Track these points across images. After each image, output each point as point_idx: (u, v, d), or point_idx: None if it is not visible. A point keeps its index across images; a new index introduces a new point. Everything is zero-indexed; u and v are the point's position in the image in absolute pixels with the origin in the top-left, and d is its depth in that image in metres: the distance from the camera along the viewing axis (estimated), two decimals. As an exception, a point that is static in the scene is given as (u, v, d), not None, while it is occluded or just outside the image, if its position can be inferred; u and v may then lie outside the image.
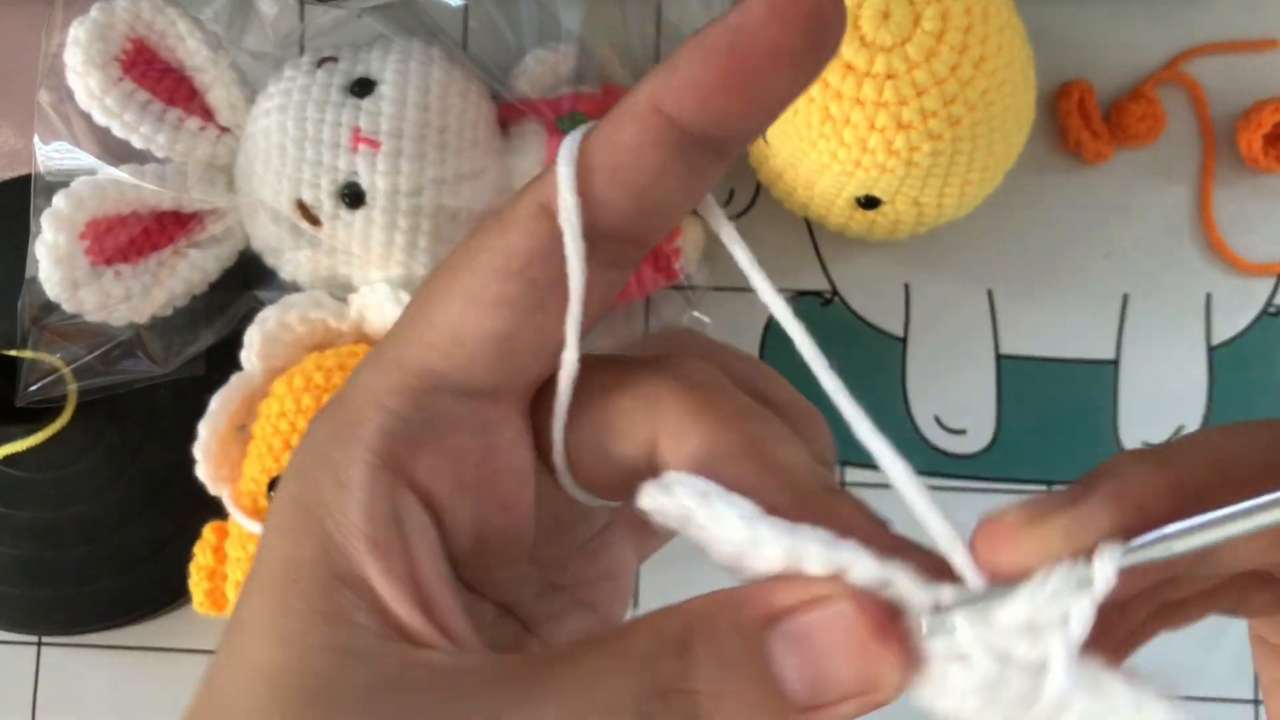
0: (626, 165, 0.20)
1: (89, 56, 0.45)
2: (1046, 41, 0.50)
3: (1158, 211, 0.52)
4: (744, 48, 0.19)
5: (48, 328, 0.47)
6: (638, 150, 0.20)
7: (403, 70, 0.46)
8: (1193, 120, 0.52)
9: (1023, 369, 0.52)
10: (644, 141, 0.20)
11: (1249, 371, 0.51)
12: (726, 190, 0.52)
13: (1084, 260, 0.52)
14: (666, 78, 0.19)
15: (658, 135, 0.20)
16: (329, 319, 0.47)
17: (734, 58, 0.19)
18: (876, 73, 0.42)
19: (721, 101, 0.19)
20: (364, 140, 0.45)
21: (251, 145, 0.47)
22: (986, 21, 0.43)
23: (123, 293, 0.46)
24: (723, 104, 0.19)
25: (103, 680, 0.52)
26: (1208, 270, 0.52)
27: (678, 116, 0.19)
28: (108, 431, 0.51)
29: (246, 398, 0.47)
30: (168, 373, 0.48)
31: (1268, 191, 0.51)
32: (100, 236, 0.46)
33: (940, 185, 0.45)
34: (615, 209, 0.20)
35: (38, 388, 0.48)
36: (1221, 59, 0.52)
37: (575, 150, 0.20)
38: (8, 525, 0.51)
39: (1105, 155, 0.51)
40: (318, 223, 0.46)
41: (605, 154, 0.20)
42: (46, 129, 0.47)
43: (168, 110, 0.47)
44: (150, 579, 0.50)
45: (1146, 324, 0.51)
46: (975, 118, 0.43)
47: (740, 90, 0.19)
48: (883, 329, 0.52)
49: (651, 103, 0.19)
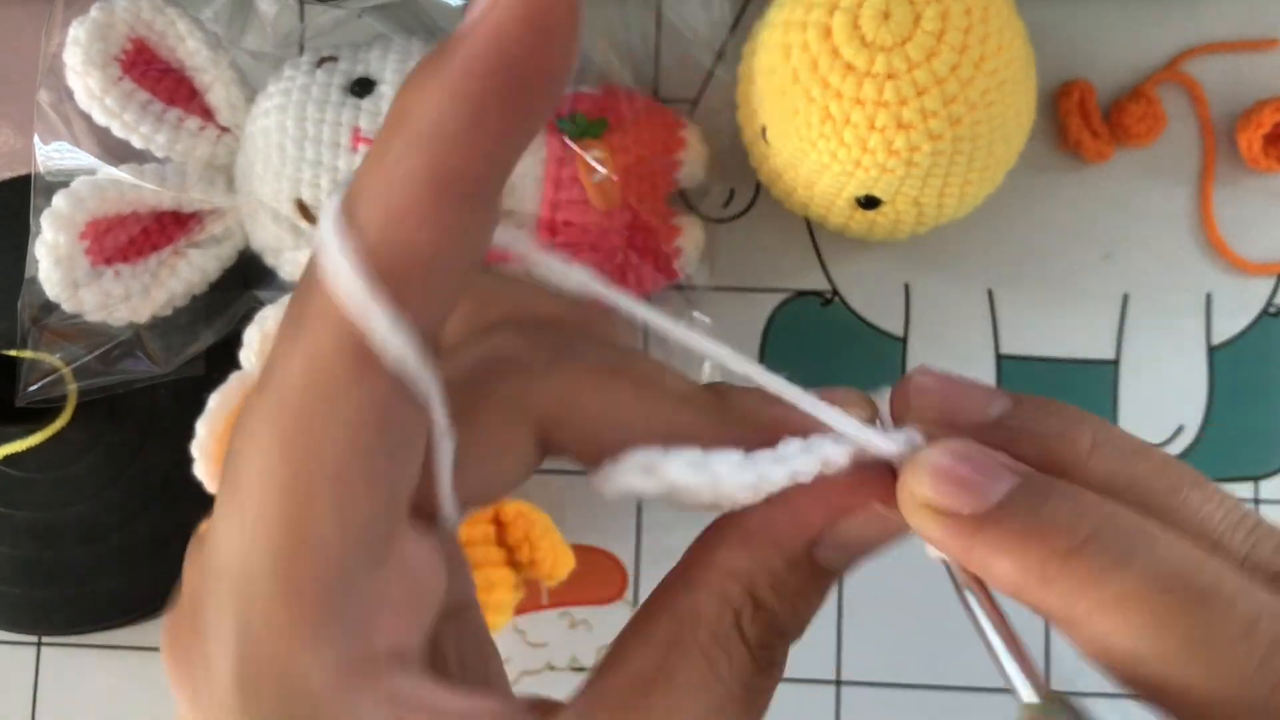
0: (399, 195, 0.17)
1: (89, 56, 0.45)
2: (1047, 41, 0.50)
3: (1158, 211, 0.52)
4: (480, 35, 0.17)
5: (47, 328, 0.47)
6: (407, 179, 0.17)
7: (403, 70, 0.46)
8: (1193, 120, 0.52)
9: (1023, 369, 0.52)
10: (411, 200, 0.17)
11: (1249, 371, 0.51)
12: (727, 190, 0.52)
13: (1084, 260, 0.52)
14: (410, 90, 0.18)
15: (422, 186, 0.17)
16: (329, 319, 0.47)
17: (473, 45, 0.17)
18: (877, 72, 0.42)
19: (465, 82, 0.17)
20: (364, 140, 0.45)
21: (251, 145, 0.47)
22: (987, 21, 0.43)
23: (123, 293, 0.46)
24: (468, 89, 0.17)
25: (103, 680, 0.52)
26: (1208, 270, 0.52)
27: (449, 164, 0.17)
28: (108, 431, 0.51)
29: (246, 397, 0.47)
30: (168, 373, 0.48)
31: (1268, 191, 0.51)
32: (100, 236, 0.46)
33: (940, 185, 0.45)
34: (402, 244, 0.17)
35: (37, 388, 0.48)
36: (1222, 58, 0.52)
37: (336, 229, 0.17)
38: (8, 525, 0.51)
39: (1105, 155, 0.51)
40: (317, 222, 0.46)
41: (371, 191, 0.18)
42: (46, 129, 0.47)
43: (167, 110, 0.47)
44: (150, 579, 0.50)
45: (1146, 324, 0.51)
46: (975, 117, 0.43)
47: (482, 74, 0.17)
48: (883, 329, 0.52)
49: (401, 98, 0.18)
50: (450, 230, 0.17)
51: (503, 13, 0.17)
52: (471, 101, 0.17)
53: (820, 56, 0.43)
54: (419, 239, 0.17)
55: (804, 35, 0.43)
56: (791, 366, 0.23)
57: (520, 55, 0.17)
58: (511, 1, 0.17)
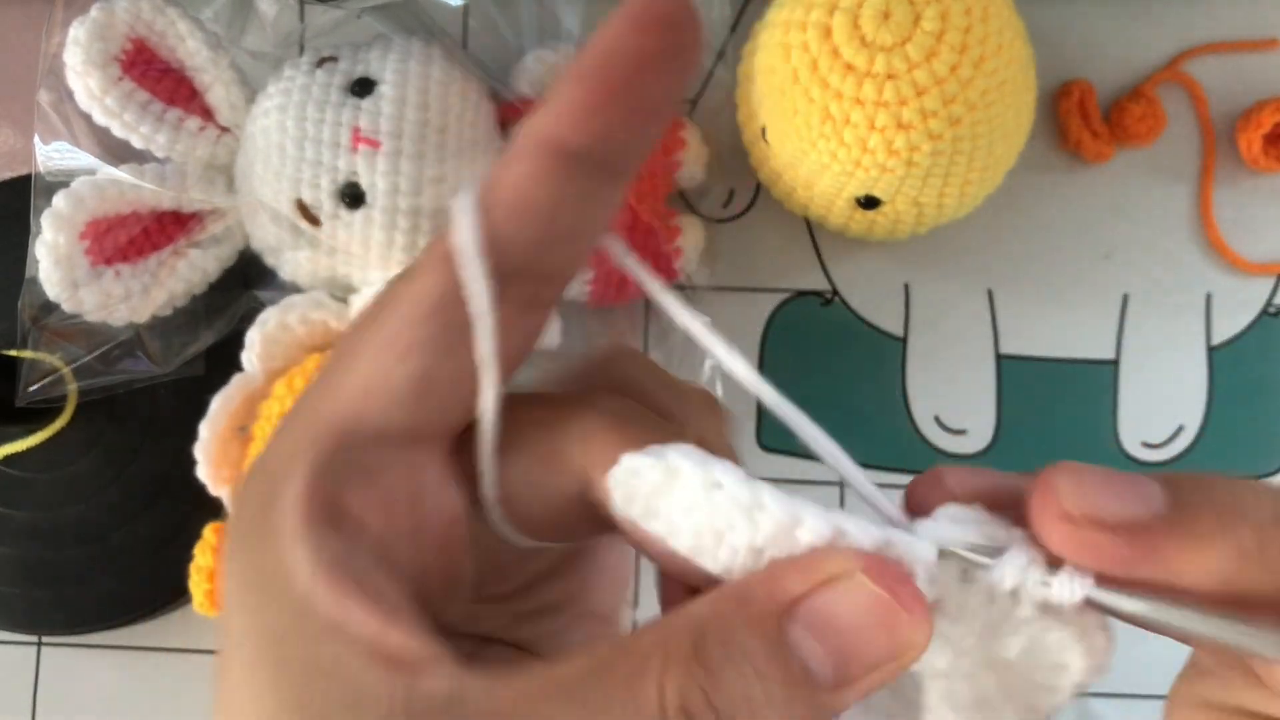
0: (523, 200, 0.20)
1: (89, 56, 0.45)
2: (1046, 41, 0.50)
3: (1158, 211, 0.52)
4: (612, 63, 0.19)
5: (47, 328, 0.47)
6: (531, 183, 0.20)
7: (402, 70, 0.46)
8: (1193, 120, 0.52)
9: (1023, 369, 0.52)
10: (535, 173, 0.20)
11: (1249, 371, 0.51)
12: (726, 190, 0.52)
13: (1084, 260, 0.52)
14: (547, 109, 0.20)
15: (548, 165, 0.20)
16: (330, 320, 0.47)
17: (605, 73, 0.20)
18: (877, 72, 0.42)
19: (602, 118, 0.20)
20: (364, 140, 0.45)
21: (251, 145, 0.47)
22: (986, 21, 0.43)
23: (122, 292, 0.46)
24: (604, 120, 0.20)
25: (103, 680, 0.52)
26: (1208, 270, 0.52)
27: (563, 142, 0.20)
28: (107, 431, 0.51)
29: (247, 399, 0.47)
30: (167, 373, 0.48)
31: (1268, 191, 0.51)
32: (100, 236, 0.46)
33: (940, 185, 0.45)
34: (519, 245, 0.20)
35: (37, 388, 0.48)
36: (1222, 59, 0.52)
37: (473, 195, 0.20)
38: (7, 525, 0.51)
39: (1105, 155, 0.51)
40: (317, 222, 0.46)
41: (500, 193, 0.20)
42: (46, 129, 0.47)
43: (167, 110, 0.47)
44: (150, 579, 0.50)
45: (1146, 324, 0.51)
46: (975, 117, 0.43)
47: (617, 103, 0.20)
48: (883, 329, 0.52)
49: (536, 136, 0.20)
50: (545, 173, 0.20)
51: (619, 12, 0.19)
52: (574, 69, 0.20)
53: (820, 57, 0.43)
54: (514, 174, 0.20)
55: (804, 35, 0.43)
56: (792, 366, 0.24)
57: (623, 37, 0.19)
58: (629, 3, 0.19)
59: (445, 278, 0.20)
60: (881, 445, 0.51)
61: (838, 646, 0.18)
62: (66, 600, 0.51)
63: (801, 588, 0.18)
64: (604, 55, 0.20)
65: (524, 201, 0.20)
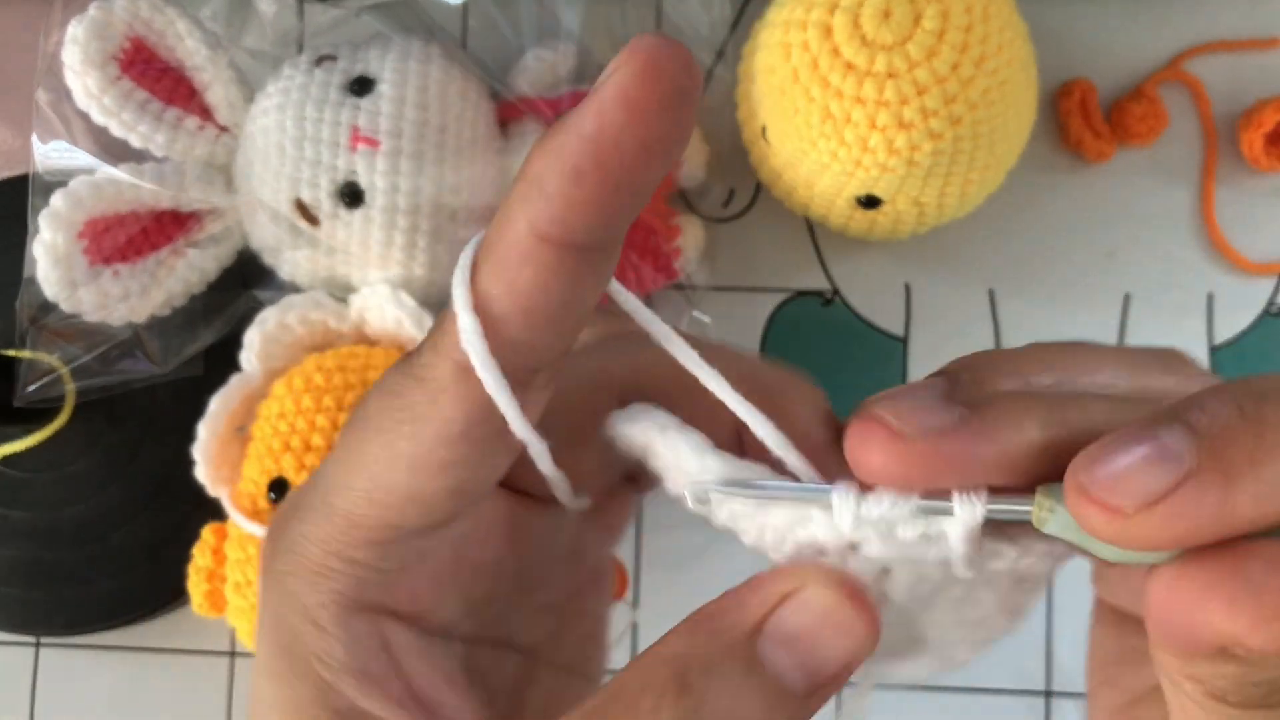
0: (534, 306, 0.20)
1: (87, 55, 0.45)
2: (1048, 40, 0.50)
3: (1159, 211, 0.52)
4: (612, 158, 0.18)
5: (46, 327, 0.47)
6: (539, 287, 0.19)
7: (402, 69, 0.46)
8: (1194, 119, 0.52)
9: (1024, 369, 0.52)
10: (543, 278, 0.19)
11: (1250, 371, 0.51)
12: (727, 190, 0.52)
13: (1085, 260, 0.52)
14: (541, 204, 0.19)
15: (554, 264, 0.19)
16: (329, 320, 0.47)
17: (605, 170, 0.19)
18: (877, 71, 0.42)
19: (604, 213, 0.19)
20: (363, 139, 0.45)
21: (250, 144, 0.47)
22: (987, 20, 0.42)
23: (121, 292, 0.46)
24: (603, 213, 0.19)
25: (101, 681, 0.51)
26: (1209, 270, 0.51)
27: (568, 241, 0.19)
28: (106, 432, 0.51)
29: (246, 399, 0.47)
30: (166, 373, 0.48)
31: (1269, 191, 0.51)
32: (98, 236, 0.46)
33: (941, 184, 0.45)
34: (538, 348, 0.20)
35: (36, 388, 0.48)
36: (1223, 58, 0.52)
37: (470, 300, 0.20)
38: (6, 526, 0.51)
39: (1106, 154, 0.51)
40: (316, 222, 0.46)
41: (509, 301, 0.20)
42: (44, 128, 0.47)
43: (166, 109, 0.47)
44: (149, 580, 0.50)
45: (1148, 324, 0.51)
46: (976, 117, 0.43)
47: (616, 196, 0.19)
48: (883, 329, 0.52)
49: (535, 233, 0.19)
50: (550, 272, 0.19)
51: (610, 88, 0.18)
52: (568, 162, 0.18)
53: (821, 56, 0.43)
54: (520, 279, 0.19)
55: (804, 34, 0.43)
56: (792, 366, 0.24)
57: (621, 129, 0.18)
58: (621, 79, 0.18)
59: (468, 399, 0.20)
60: (882, 445, 0.51)
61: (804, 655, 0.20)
62: (65, 601, 0.51)
63: (763, 610, 0.20)
64: (599, 148, 0.18)
65: (536, 308, 0.20)
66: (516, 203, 0.19)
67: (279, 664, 0.21)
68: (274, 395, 0.46)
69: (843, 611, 0.20)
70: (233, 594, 0.46)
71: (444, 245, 0.47)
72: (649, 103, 0.18)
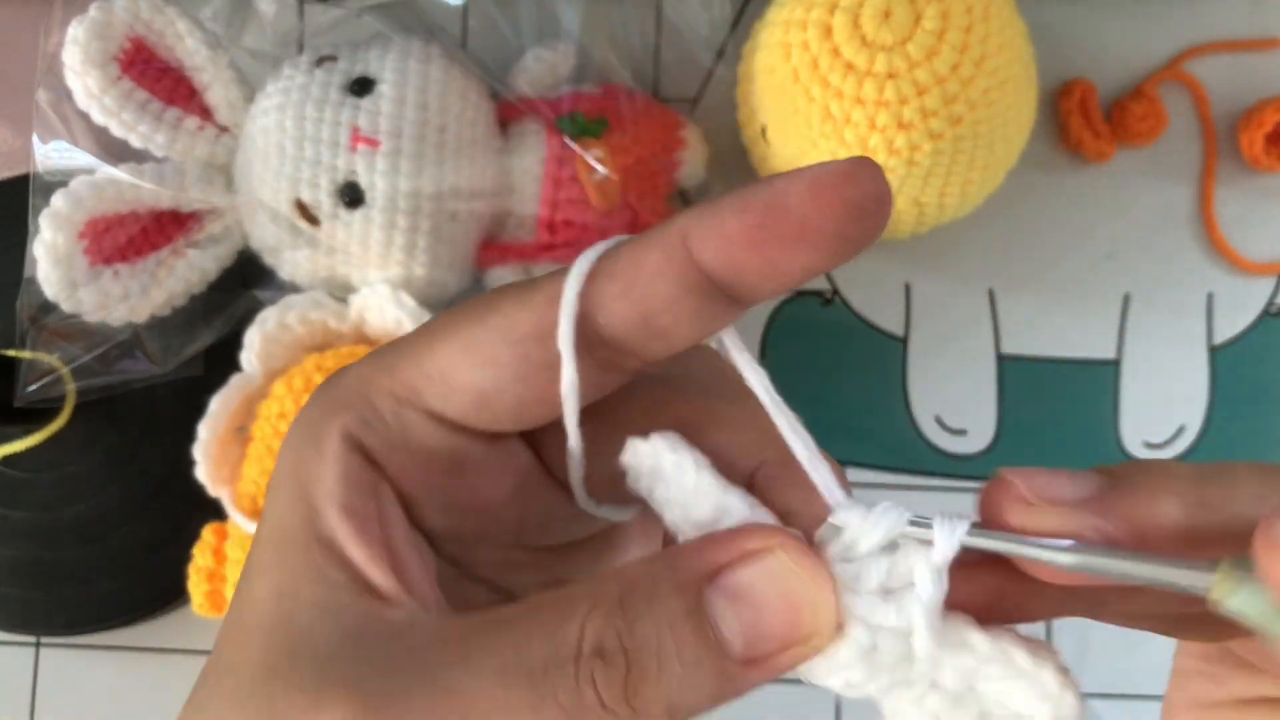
0: (641, 285, 0.20)
1: (87, 55, 0.45)
2: (1048, 40, 0.50)
3: (1159, 211, 0.52)
4: (777, 216, 0.19)
5: (46, 327, 0.47)
6: (656, 275, 0.20)
7: (402, 69, 0.46)
8: (1194, 119, 0.52)
9: (1023, 369, 0.52)
10: (664, 270, 0.20)
11: (1250, 371, 0.51)
12: (727, 190, 0.52)
13: (1085, 260, 0.52)
14: (702, 217, 0.20)
15: (678, 268, 0.20)
16: (329, 320, 0.47)
17: (766, 221, 0.19)
18: (878, 72, 0.42)
19: (743, 257, 0.20)
20: (363, 139, 0.45)
21: (250, 144, 0.47)
22: (988, 20, 0.43)
23: (121, 292, 0.46)
24: (744, 260, 0.20)
25: (101, 681, 0.51)
26: (1209, 270, 0.51)
27: (700, 257, 0.20)
28: (106, 432, 0.51)
29: (246, 399, 0.47)
30: (166, 373, 0.48)
31: (1269, 191, 0.51)
32: (99, 236, 0.46)
33: (941, 184, 0.45)
34: (620, 321, 0.21)
35: (36, 388, 0.48)
36: (1223, 58, 0.52)
37: (597, 255, 0.21)
38: (6, 526, 0.51)
39: (1106, 154, 0.51)
40: (316, 222, 0.46)
41: (625, 267, 0.21)
42: (45, 128, 0.47)
43: (166, 109, 0.47)
44: (149, 580, 0.50)
45: (1148, 324, 0.51)
46: (976, 117, 0.43)
47: (763, 253, 0.20)
48: (883, 329, 0.52)
49: (681, 235, 0.20)
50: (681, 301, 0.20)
51: (813, 169, 0.19)
52: (760, 225, 0.20)
53: (821, 56, 0.43)
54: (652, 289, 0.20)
55: (804, 34, 0.43)
56: (792, 366, 0.24)
57: (802, 202, 0.19)
58: (826, 168, 0.19)
59: (545, 318, 0.21)
60: (882, 445, 0.51)
61: (750, 621, 0.19)
62: (65, 601, 0.51)
63: (725, 558, 0.20)
64: (773, 203, 0.19)
65: (642, 288, 0.20)
66: (688, 211, 0.20)
67: (283, 483, 0.22)
68: (274, 395, 0.46)
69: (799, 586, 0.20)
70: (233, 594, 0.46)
71: (444, 245, 0.47)
72: (834, 195, 0.19)
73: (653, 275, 0.20)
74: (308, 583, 0.21)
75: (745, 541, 0.20)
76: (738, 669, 0.20)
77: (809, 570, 0.20)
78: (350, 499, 0.21)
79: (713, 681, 0.19)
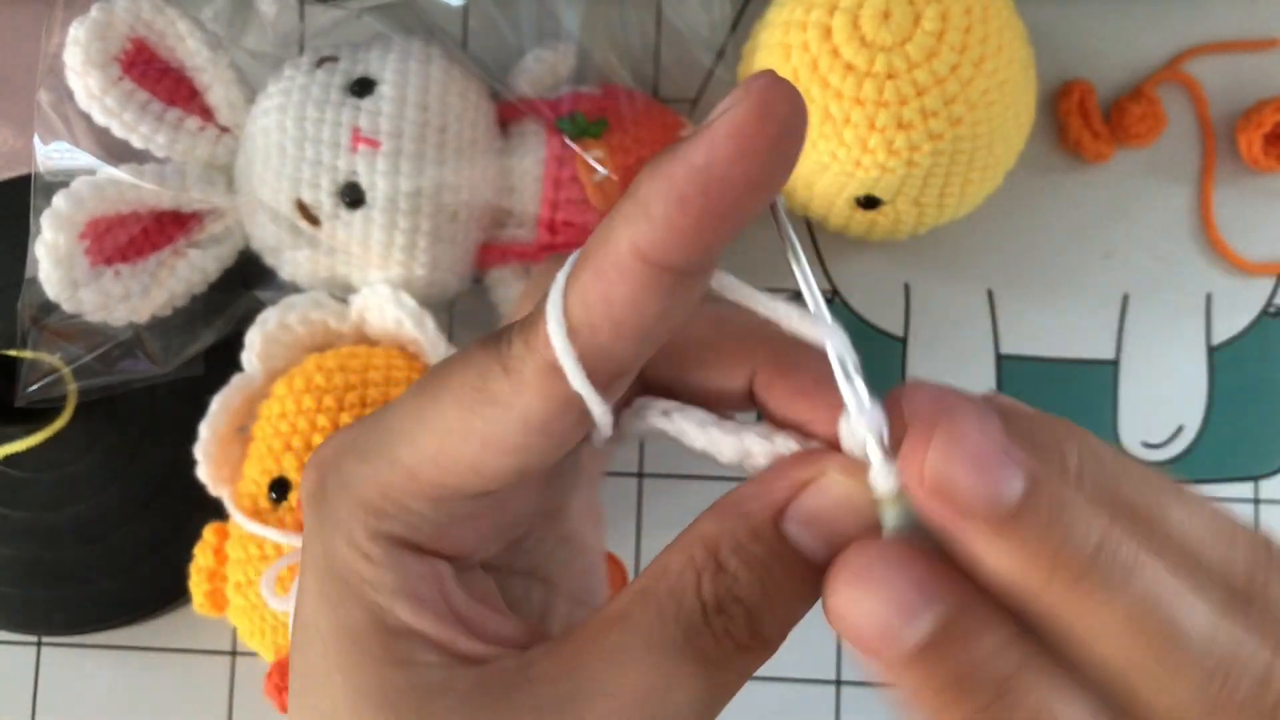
0: (625, 319, 0.21)
1: (88, 56, 0.45)
2: (1047, 41, 0.50)
3: (1158, 211, 0.52)
4: (718, 189, 0.19)
5: (47, 328, 0.47)
6: (634, 303, 0.21)
7: (402, 70, 0.46)
8: (1193, 120, 0.52)
9: (1023, 369, 0.52)
10: (637, 292, 0.20)
11: (1249, 372, 0.51)
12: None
13: (1084, 260, 0.52)
14: (645, 226, 0.20)
15: (651, 283, 0.20)
16: (330, 320, 0.47)
17: (710, 200, 0.19)
18: (877, 72, 0.42)
19: (702, 239, 0.20)
20: (364, 140, 0.45)
21: (251, 145, 0.47)
22: (987, 21, 0.43)
23: (122, 292, 0.46)
24: (704, 240, 0.20)
25: (102, 680, 0.52)
26: (1208, 270, 0.52)
27: (663, 262, 0.20)
28: (107, 432, 0.51)
29: (247, 399, 0.47)
30: (167, 373, 0.48)
31: (1268, 191, 0.51)
32: (100, 236, 0.46)
33: (941, 185, 0.45)
34: (617, 355, 0.21)
35: (37, 388, 0.48)
36: (1222, 58, 0.52)
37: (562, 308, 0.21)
38: (7, 526, 0.51)
39: (1105, 155, 0.51)
40: (317, 222, 0.46)
41: (602, 311, 0.21)
42: (46, 129, 0.47)
43: (167, 110, 0.47)
44: (150, 580, 0.50)
45: (1146, 324, 0.51)
46: (976, 117, 0.43)
47: (717, 226, 0.20)
48: (883, 329, 0.52)
49: (635, 253, 0.20)
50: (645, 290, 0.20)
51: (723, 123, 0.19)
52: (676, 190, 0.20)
53: (820, 56, 0.43)
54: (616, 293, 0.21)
55: (804, 35, 0.43)
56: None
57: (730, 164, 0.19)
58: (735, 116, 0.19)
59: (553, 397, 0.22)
60: (881, 445, 0.51)
61: (825, 530, 0.22)
62: (66, 600, 0.51)
63: (787, 494, 0.22)
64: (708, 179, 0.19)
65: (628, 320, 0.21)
66: (621, 221, 0.20)
67: (331, 589, 0.23)
68: (275, 395, 0.46)
69: (855, 491, 0.22)
70: (234, 594, 0.46)
71: (444, 245, 0.47)
72: (759, 141, 0.19)
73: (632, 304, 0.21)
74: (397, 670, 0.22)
75: (796, 472, 0.22)
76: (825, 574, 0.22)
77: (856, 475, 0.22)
78: (415, 589, 0.23)
79: (813, 590, 0.22)
